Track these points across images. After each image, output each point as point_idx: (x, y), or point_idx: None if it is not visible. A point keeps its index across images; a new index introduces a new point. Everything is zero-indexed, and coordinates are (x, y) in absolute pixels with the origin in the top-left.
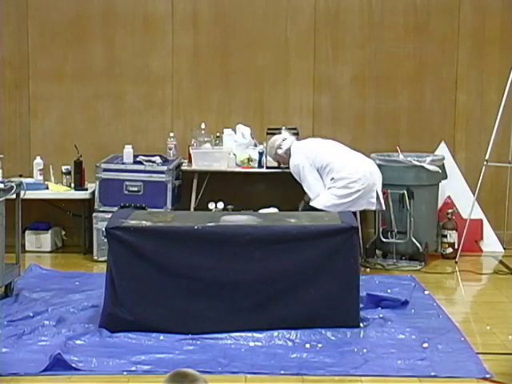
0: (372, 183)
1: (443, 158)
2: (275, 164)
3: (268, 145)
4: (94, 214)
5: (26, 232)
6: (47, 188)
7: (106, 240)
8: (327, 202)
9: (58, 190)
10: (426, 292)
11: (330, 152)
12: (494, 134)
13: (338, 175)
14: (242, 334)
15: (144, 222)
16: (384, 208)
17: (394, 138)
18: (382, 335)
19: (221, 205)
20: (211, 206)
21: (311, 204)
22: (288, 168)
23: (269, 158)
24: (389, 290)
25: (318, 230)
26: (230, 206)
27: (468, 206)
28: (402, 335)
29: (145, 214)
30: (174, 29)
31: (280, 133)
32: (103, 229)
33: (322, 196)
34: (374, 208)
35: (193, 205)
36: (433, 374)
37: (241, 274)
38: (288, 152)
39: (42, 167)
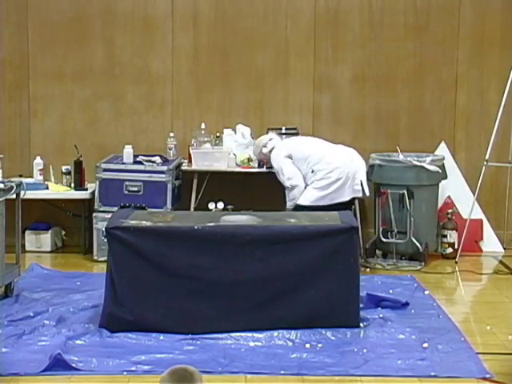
0: (353, 171)
1: (443, 158)
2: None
3: (254, 144)
4: (94, 214)
5: (26, 232)
6: (47, 188)
7: (105, 240)
8: (311, 197)
9: (58, 190)
10: (426, 292)
11: (309, 146)
12: (493, 134)
13: (316, 167)
14: (242, 334)
15: (144, 222)
16: (368, 194)
17: (394, 138)
18: (382, 335)
19: (221, 205)
20: (211, 206)
21: (298, 203)
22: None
23: (254, 157)
24: (391, 291)
25: (318, 230)
26: (229, 206)
27: (468, 206)
28: (402, 335)
29: (145, 214)
30: (173, 29)
31: (267, 133)
32: (103, 229)
33: (305, 193)
34: (360, 195)
35: (193, 205)
36: (433, 374)
37: (241, 274)
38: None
39: (42, 167)
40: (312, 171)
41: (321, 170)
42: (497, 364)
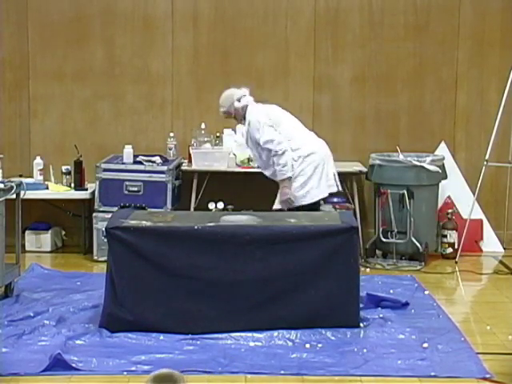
0: (326, 164)
1: (443, 158)
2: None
3: (223, 95)
4: (94, 214)
5: (26, 232)
6: (47, 188)
7: (105, 240)
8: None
9: (58, 190)
10: (426, 292)
11: (290, 124)
12: (493, 134)
13: (295, 153)
14: (242, 334)
15: (144, 222)
16: (340, 189)
17: (394, 138)
18: (382, 335)
19: (221, 205)
20: (211, 206)
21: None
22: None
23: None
24: (391, 291)
25: (318, 230)
26: (230, 206)
27: (468, 206)
28: (402, 335)
29: (145, 214)
30: (173, 29)
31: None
32: (103, 229)
33: None
34: (335, 190)
35: (193, 205)
36: (433, 374)
37: (241, 273)
38: (245, 109)
39: (42, 167)
40: None
41: (299, 161)
42: (497, 364)
